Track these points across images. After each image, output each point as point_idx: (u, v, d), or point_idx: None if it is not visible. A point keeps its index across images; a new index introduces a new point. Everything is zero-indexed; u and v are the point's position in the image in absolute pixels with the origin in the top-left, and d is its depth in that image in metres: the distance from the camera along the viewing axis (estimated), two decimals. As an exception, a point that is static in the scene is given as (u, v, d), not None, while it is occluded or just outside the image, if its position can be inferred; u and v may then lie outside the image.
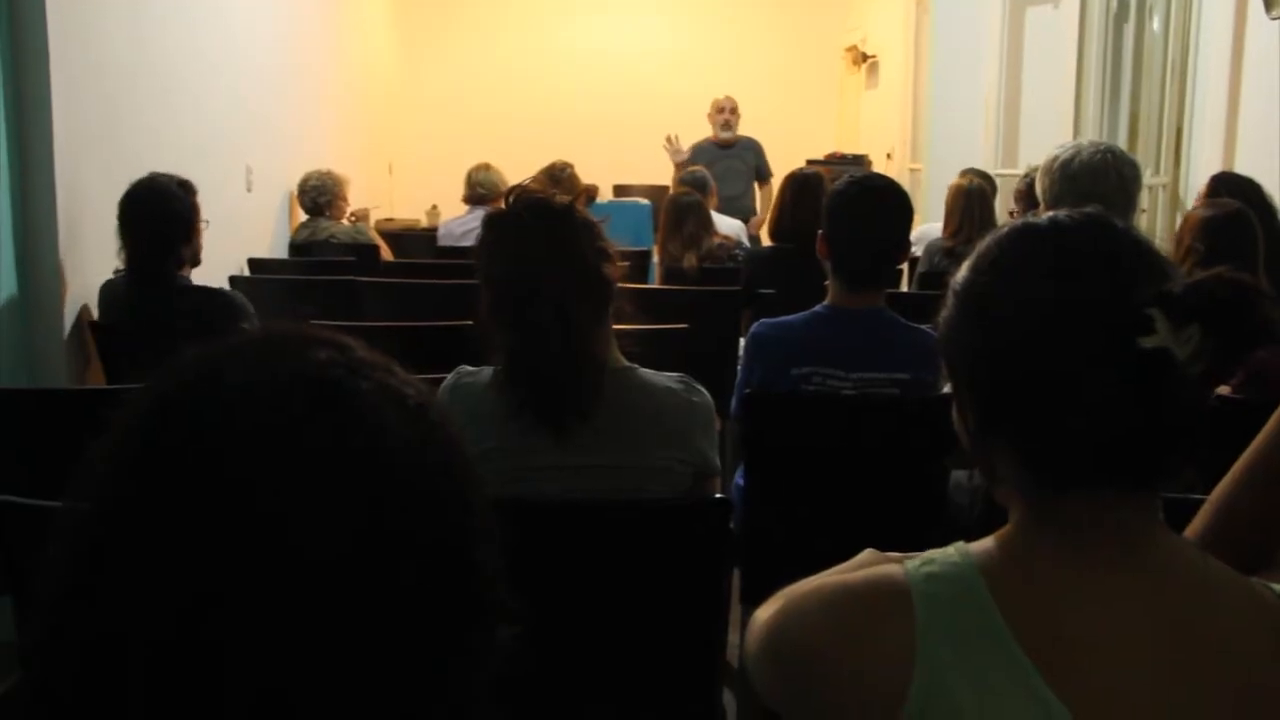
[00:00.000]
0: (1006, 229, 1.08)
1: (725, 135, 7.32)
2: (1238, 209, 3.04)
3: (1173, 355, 0.93)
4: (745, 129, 7.49)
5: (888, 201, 2.72)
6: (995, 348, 1.01)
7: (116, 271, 3.59)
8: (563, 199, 1.97)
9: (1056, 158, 2.81)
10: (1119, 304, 0.95)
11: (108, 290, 3.67)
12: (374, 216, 6.97)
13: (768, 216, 5.31)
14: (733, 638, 2.13)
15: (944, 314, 1.08)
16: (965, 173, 5.31)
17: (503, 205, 1.98)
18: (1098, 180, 2.69)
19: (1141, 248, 1.02)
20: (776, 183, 4.70)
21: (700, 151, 7.28)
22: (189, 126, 4.74)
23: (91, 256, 3.70)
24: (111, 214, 3.45)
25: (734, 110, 7.39)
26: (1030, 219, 1.07)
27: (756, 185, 7.48)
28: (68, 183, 3.57)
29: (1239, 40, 4.53)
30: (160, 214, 3.42)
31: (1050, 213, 1.06)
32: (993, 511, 1.07)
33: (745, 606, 2.43)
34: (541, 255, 1.88)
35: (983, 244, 1.07)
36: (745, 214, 6.98)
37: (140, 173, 3.53)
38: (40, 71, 3.43)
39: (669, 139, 7.19)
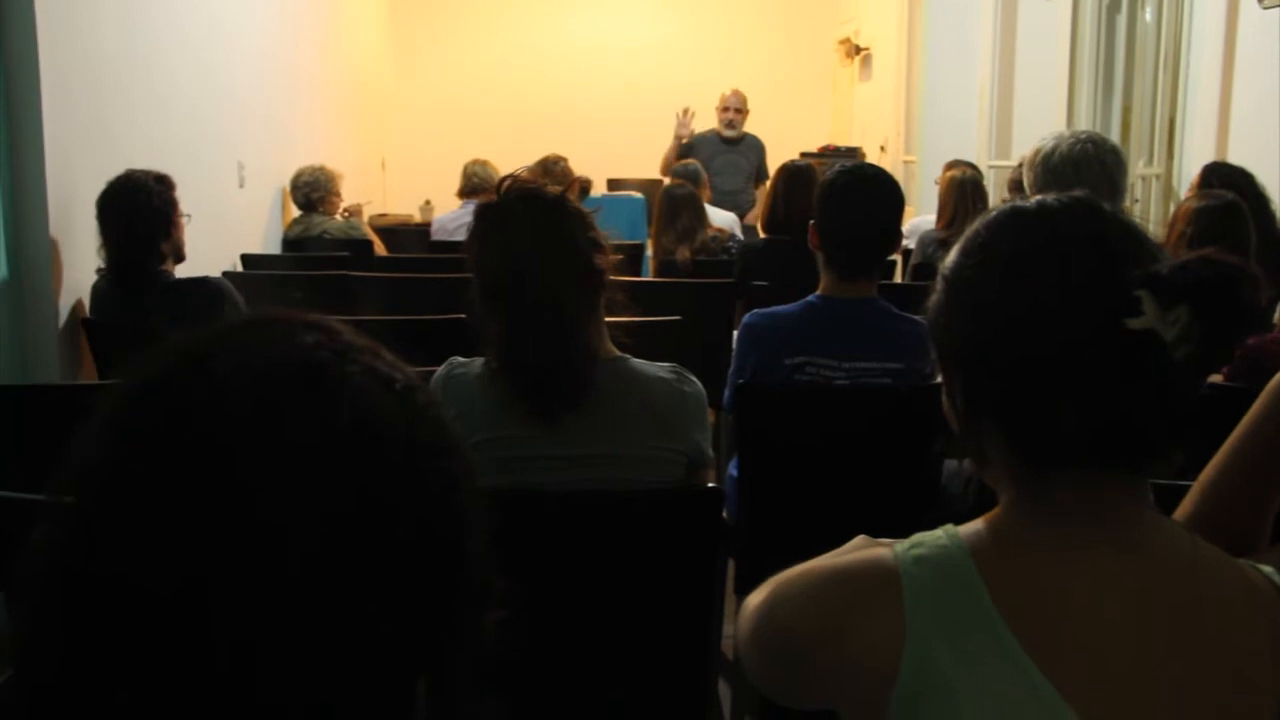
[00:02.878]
0: (995, 213, 1.08)
1: (727, 133, 7.26)
2: (1230, 200, 3.05)
3: (1160, 337, 0.93)
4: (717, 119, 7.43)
5: (878, 190, 2.72)
6: (984, 330, 1.02)
7: (98, 271, 3.58)
8: (554, 189, 1.97)
9: (1039, 151, 2.81)
10: (1106, 286, 0.96)
11: (95, 291, 3.66)
12: (367, 212, 6.97)
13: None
14: (728, 629, 2.13)
15: (933, 299, 1.08)
16: (955, 164, 5.31)
17: (494, 196, 1.98)
18: (1080, 171, 2.69)
19: (1129, 230, 1.02)
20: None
21: (704, 142, 7.23)
22: (179, 121, 4.73)
23: (84, 252, 3.69)
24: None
25: (739, 109, 7.27)
26: (1018, 203, 1.07)
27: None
28: (58, 179, 3.56)
29: (1231, 30, 4.53)
30: (136, 211, 3.41)
31: (1039, 196, 1.06)
32: (985, 499, 1.07)
33: (740, 597, 2.44)
34: (533, 244, 1.88)
35: (971, 229, 1.07)
36: (743, 210, 6.94)
37: (131, 167, 3.52)
38: (29, 66, 3.41)
39: (684, 110, 7.15)
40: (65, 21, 3.63)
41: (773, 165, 4.85)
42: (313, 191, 5.78)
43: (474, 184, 5.90)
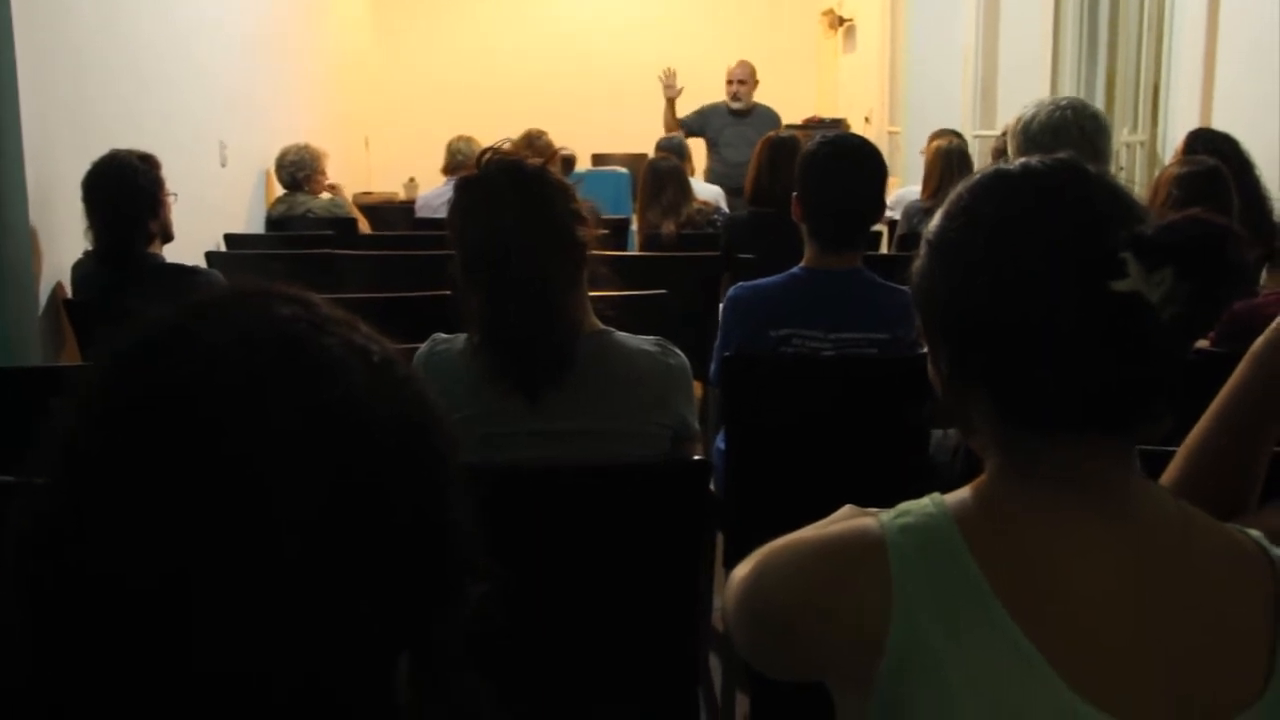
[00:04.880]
0: (979, 176, 1.07)
1: (735, 105, 7.23)
2: (1212, 165, 3.05)
3: (1145, 299, 0.92)
4: (723, 94, 7.41)
5: (860, 160, 2.71)
6: (968, 294, 1.00)
7: (86, 253, 3.56)
8: (535, 161, 1.95)
9: (1020, 119, 2.81)
10: (1090, 247, 0.95)
11: (79, 270, 3.64)
12: (347, 192, 6.93)
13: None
14: (717, 602, 2.13)
15: (917, 263, 1.07)
16: (941, 133, 5.30)
17: (475, 169, 1.96)
18: (1059, 138, 2.68)
19: (1114, 192, 1.01)
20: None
21: (714, 113, 7.19)
22: (160, 101, 4.69)
23: (64, 233, 3.67)
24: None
25: (744, 80, 7.23)
26: (1002, 166, 1.06)
27: None
28: (37, 160, 3.53)
29: (1214, -4, 4.52)
30: (123, 191, 3.39)
31: (1023, 159, 1.05)
32: (972, 468, 1.06)
33: (729, 570, 2.43)
34: (514, 216, 1.86)
35: (955, 192, 1.06)
36: None
37: (111, 148, 3.49)
38: (5, 45, 3.37)
39: (666, 71, 7.20)
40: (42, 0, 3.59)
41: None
42: (298, 171, 5.75)
43: (457, 161, 5.88)
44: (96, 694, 0.64)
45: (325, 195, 5.88)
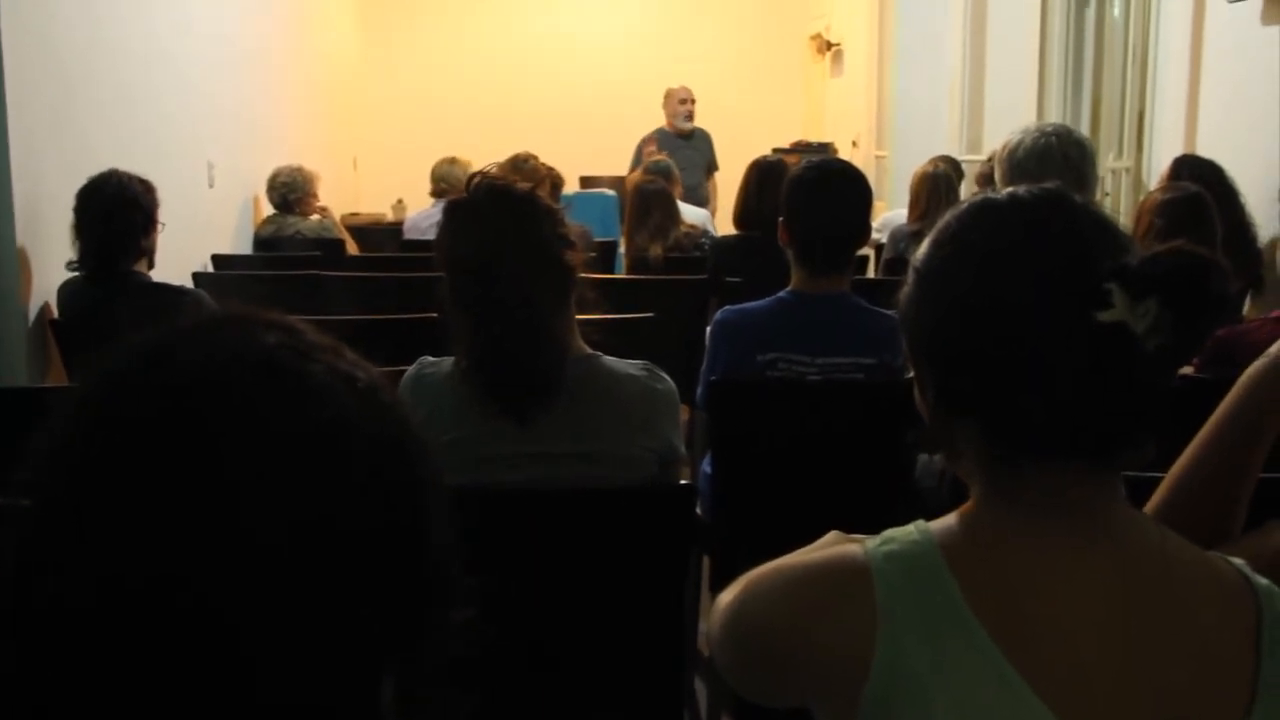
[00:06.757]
0: (966, 205, 1.07)
1: (686, 126, 7.29)
2: (1195, 192, 3.08)
3: (1130, 329, 0.93)
4: (711, 118, 7.48)
5: (845, 185, 2.72)
6: (955, 323, 1.01)
7: (69, 264, 3.54)
8: (524, 185, 1.96)
9: (1006, 145, 2.83)
10: (1076, 278, 0.95)
11: (66, 289, 3.62)
12: (337, 212, 6.94)
13: (722, 205, 5.31)
14: (703, 626, 2.13)
15: (904, 291, 1.08)
16: (933, 160, 5.33)
17: (464, 194, 1.97)
18: (1043, 164, 2.70)
19: (1100, 222, 1.02)
20: (741, 171, 4.69)
21: (661, 141, 7.27)
22: (148, 121, 4.69)
23: (52, 253, 3.66)
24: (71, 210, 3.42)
25: (694, 100, 7.40)
26: (990, 195, 1.07)
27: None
28: (24, 179, 3.52)
29: (1199, 25, 4.56)
30: (120, 204, 3.40)
31: (1010, 188, 1.06)
32: (959, 493, 1.06)
33: (715, 594, 2.43)
34: (502, 240, 1.87)
35: (942, 220, 1.07)
36: (703, 204, 6.98)
37: (99, 168, 3.49)
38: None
39: (651, 146, 7.15)
40: (29, 16, 3.59)
41: (744, 159, 4.84)
42: (290, 192, 5.75)
43: (441, 186, 5.86)
44: (91, 695, 0.65)
45: (315, 217, 5.88)
